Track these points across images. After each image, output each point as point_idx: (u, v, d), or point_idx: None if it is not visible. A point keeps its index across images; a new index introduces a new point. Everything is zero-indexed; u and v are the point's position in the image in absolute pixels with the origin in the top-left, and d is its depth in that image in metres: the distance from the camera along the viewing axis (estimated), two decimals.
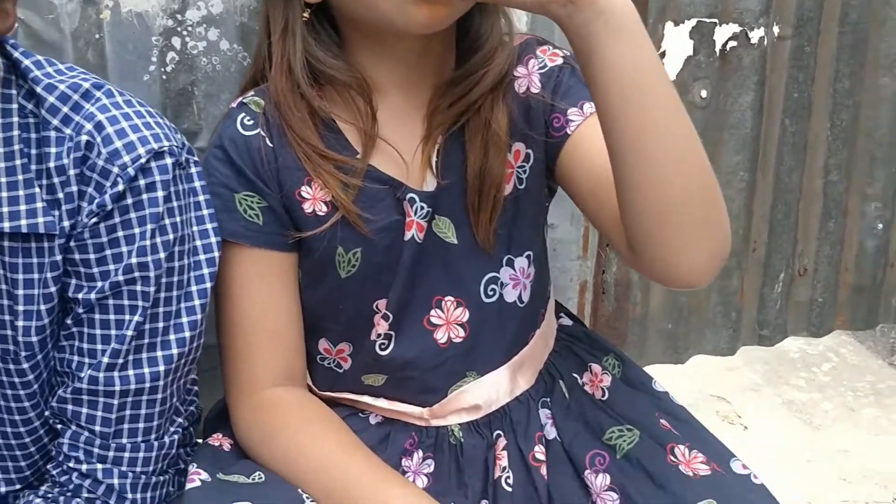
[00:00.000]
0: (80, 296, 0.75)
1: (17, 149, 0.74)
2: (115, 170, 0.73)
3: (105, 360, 0.75)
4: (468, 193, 0.83)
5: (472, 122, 0.83)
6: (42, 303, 0.76)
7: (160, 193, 0.74)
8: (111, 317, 0.75)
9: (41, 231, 0.73)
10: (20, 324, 0.75)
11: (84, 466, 0.77)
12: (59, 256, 0.75)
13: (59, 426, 0.78)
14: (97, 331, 0.75)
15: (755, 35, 1.37)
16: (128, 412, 0.77)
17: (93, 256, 0.74)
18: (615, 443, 0.86)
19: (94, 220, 0.73)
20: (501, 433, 0.87)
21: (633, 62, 0.67)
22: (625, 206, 0.72)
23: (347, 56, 0.83)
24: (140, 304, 0.75)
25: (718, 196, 0.72)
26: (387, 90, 0.83)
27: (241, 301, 0.82)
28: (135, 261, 0.74)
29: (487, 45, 0.83)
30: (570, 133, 0.83)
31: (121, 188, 0.73)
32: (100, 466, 0.77)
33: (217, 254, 0.80)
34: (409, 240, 0.82)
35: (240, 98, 0.86)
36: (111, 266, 0.74)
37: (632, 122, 0.68)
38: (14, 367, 0.77)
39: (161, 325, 0.76)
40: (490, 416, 0.88)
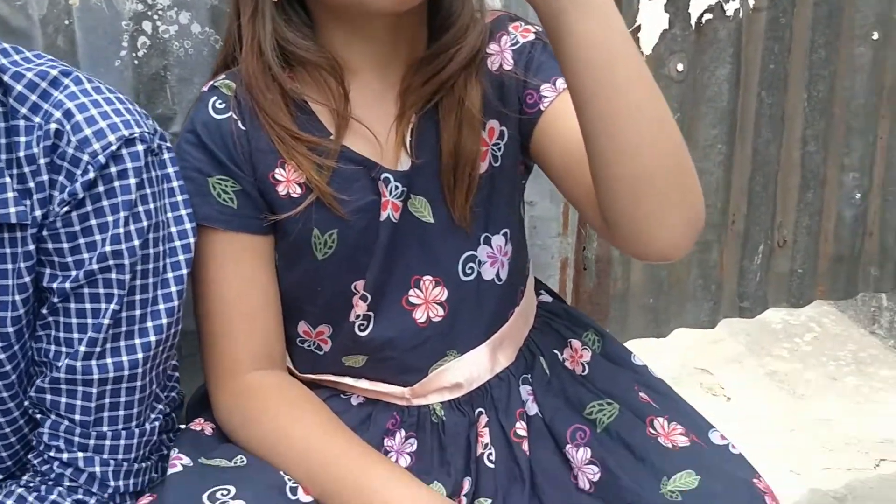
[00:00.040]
0: (55, 285, 0.74)
1: None
2: (86, 158, 0.72)
3: (82, 349, 0.74)
4: (443, 172, 0.83)
5: (446, 101, 0.82)
6: (17, 293, 0.75)
7: (132, 180, 0.74)
8: (87, 305, 0.75)
9: (13, 221, 0.73)
10: None
11: (65, 455, 0.77)
12: (32, 246, 0.74)
13: (39, 416, 0.78)
14: (73, 320, 0.75)
15: (730, 7, 1.37)
16: (107, 400, 0.77)
17: (66, 245, 0.74)
18: (595, 417, 0.87)
19: (66, 209, 0.73)
20: (483, 410, 0.88)
21: (603, 38, 0.67)
22: (598, 182, 0.72)
23: (318, 37, 0.82)
24: (115, 292, 0.74)
25: (691, 169, 0.72)
26: (359, 70, 0.82)
27: (218, 285, 0.82)
28: (108, 249, 0.73)
29: (459, 23, 0.82)
30: (544, 109, 0.83)
31: (92, 176, 0.72)
32: (81, 455, 0.77)
33: (192, 240, 0.79)
34: (385, 220, 0.82)
35: (211, 82, 0.85)
36: (85, 255, 0.74)
37: (603, 99, 0.68)
38: None
39: (138, 313, 0.76)
40: (471, 394, 0.88)
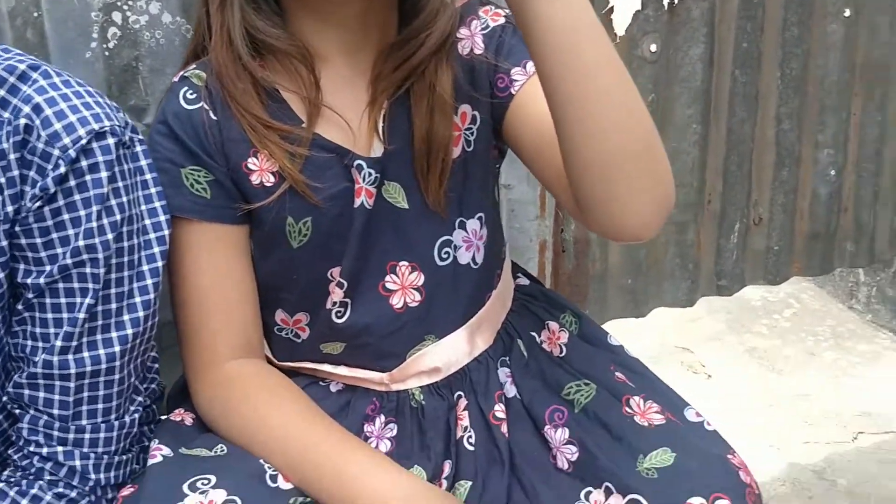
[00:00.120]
0: (30, 281, 0.74)
1: None
2: (56, 152, 0.72)
3: (58, 344, 0.74)
4: (416, 158, 0.83)
5: (417, 86, 0.82)
6: None
7: (104, 174, 0.74)
8: (62, 300, 0.75)
9: None
10: None
11: (44, 450, 0.77)
12: (5, 242, 0.74)
13: (18, 411, 0.78)
14: (49, 315, 0.75)
15: None
16: (85, 394, 0.77)
17: (39, 241, 0.74)
18: (573, 398, 0.88)
19: (39, 204, 0.73)
20: (462, 394, 0.88)
21: (570, 23, 0.67)
22: (569, 165, 0.72)
23: (288, 25, 0.82)
24: (90, 287, 0.74)
25: (661, 152, 0.73)
26: (330, 57, 0.82)
27: (194, 276, 0.82)
28: (82, 243, 0.73)
29: (429, 7, 0.83)
30: (515, 93, 0.83)
31: (63, 171, 0.72)
32: (60, 449, 0.77)
33: (167, 232, 0.79)
34: (359, 206, 0.82)
35: (181, 72, 0.85)
36: (59, 249, 0.74)
37: (571, 83, 0.68)
38: None
39: (114, 307, 0.76)
40: (450, 378, 0.89)
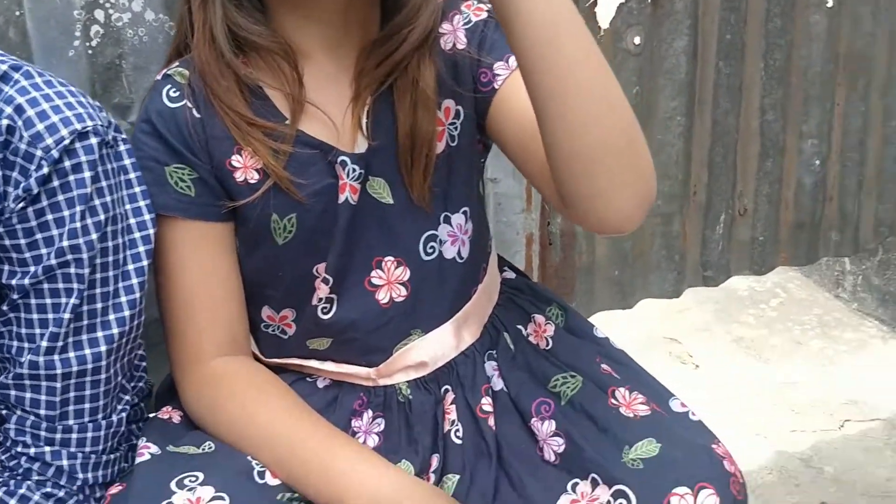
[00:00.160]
0: (14, 282, 0.74)
1: None
2: (39, 153, 0.72)
3: (44, 345, 0.74)
4: (400, 153, 0.83)
5: (400, 82, 0.83)
6: None
7: (87, 174, 0.74)
8: (47, 301, 0.75)
9: None
10: None
11: (32, 450, 0.77)
12: None
13: (5, 412, 0.78)
14: (34, 315, 0.75)
15: None
16: (72, 394, 0.77)
17: (23, 241, 0.74)
18: (559, 390, 0.88)
19: (22, 205, 0.73)
20: (449, 388, 0.89)
21: (550, 17, 0.68)
22: (552, 158, 0.73)
23: (271, 22, 0.82)
24: (75, 287, 0.74)
25: (643, 145, 0.73)
26: (312, 54, 0.83)
27: (180, 274, 0.82)
28: (66, 244, 0.73)
29: (411, 3, 0.83)
30: (498, 88, 0.84)
31: (46, 171, 0.72)
32: (48, 449, 0.77)
33: (152, 231, 0.79)
34: (344, 202, 0.82)
35: (164, 70, 0.85)
36: (43, 250, 0.74)
37: (552, 77, 0.69)
38: None
39: (99, 306, 0.76)
40: (437, 372, 0.89)
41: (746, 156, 1.53)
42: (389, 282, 0.86)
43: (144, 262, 0.79)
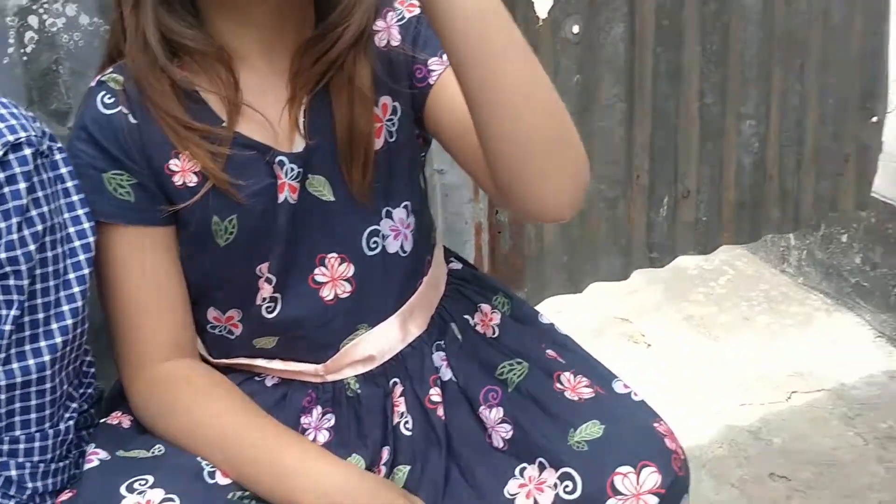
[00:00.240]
0: None
1: None
2: None
3: None
4: (339, 150, 0.84)
5: (336, 80, 0.83)
6: None
7: (22, 185, 0.73)
8: None
9: None
10: None
11: None
12: None
13: None
14: None
15: None
16: (17, 405, 0.76)
17: None
18: (506, 377, 0.90)
19: None
20: (397, 380, 0.90)
21: (477, 10, 0.69)
22: (485, 149, 0.74)
23: (204, 25, 0.82)
24: (15, 298, 0.74)
25: (573, 130, 0.75)
26: (248, 56, 0.83)
27: (122, 280, 0.82)
28: (3, 256, 0.73)
29: (345, 1, 0.83)
30: (433, 83, 0.85)
31: None
32: None
33: (92, 239, 0.79)
34: (283, 202, 0.83)
35: (98, 76, 0.84)
36: None
37: (480, 67, 0.70)
38: None
39: (41, 316, 0.76)
40: (385, 366, 0.90)
41: (687, 139, 1.56)
42: (333, 278, 0.87)
43: (85, 271, 0.78)
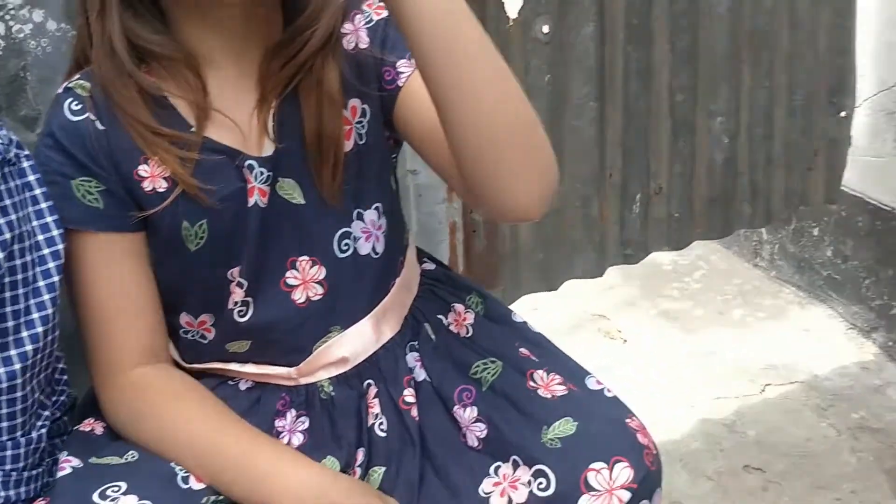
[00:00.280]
0: None
1: None
2: None
3: None
4: (308, 153, 0.84)
5: (305, 83, 0.83)
6: None
7: None
8: None
9: None
10: None
11: None
12: None
13: None
14: None
15: None
16: None
17: None
18: (480, 376, 0.91)
19: None
20: (371, 382, 0.90)
21: (440, 16, 0.70)
22: (454, 150, 0.75)
23: (172, 30, 0.82)
24: None
25: (541, 130, 0.76)
26: (216, 60, 0.83)
27: (93, 287, 0.82)
28: None
29: (312, 4, 0.83)
30: (402, 85, 0.85)
31: None
32: None
33: (61, 246, 0.79)
34: (253, 206, 0.83)
35: (65, 83, 0.84)
36: None
37: (447, 70, 0.71)
38: None
39: (11, 325, 0.75)
40: (358, 367, 0.91)
41: (659, 136, 1.58)
42: (305, 281, 0.87)
43: (55, 278, 0.78)
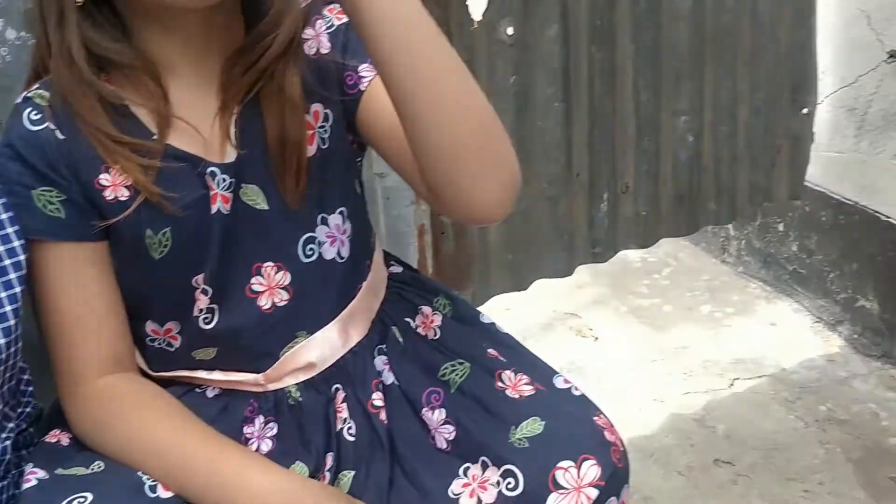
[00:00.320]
0: None
1: None
2: None
3: None
4: (271, 159, 0.84)
5: (266, 89, 0.83)
6: None
7: None
8: None
9: None
10: None
11: None
12: None
13: None
14: None
15: None
16: None
17: None
18: (448, 378, 0.91)
19: None
20: (339, 386, 0.90)
21: (399, 20, 0.70)
22: (416, 153, 0.75)
23: (131, 38, 0.81)
24: None
25: (502, 134, 0.77)
26: (176, 67, 0.82)
27: (57, 297, 0.81)
28: None
29: (273, 10, 0.83)
30: (364, 89, 0.86)
31: None
32: None
33: (22, 257, 0.78)
34: (216, 213, 0.83)
35: (24, 92, 0.83)
36: None
37: (406, 72, 0.71)
38: None
39: None
40: (326, 372, 0.91)
41: (624, 136, 1.59)
42: (270, 287, 0.87)
43: (17, 289, 0.77)
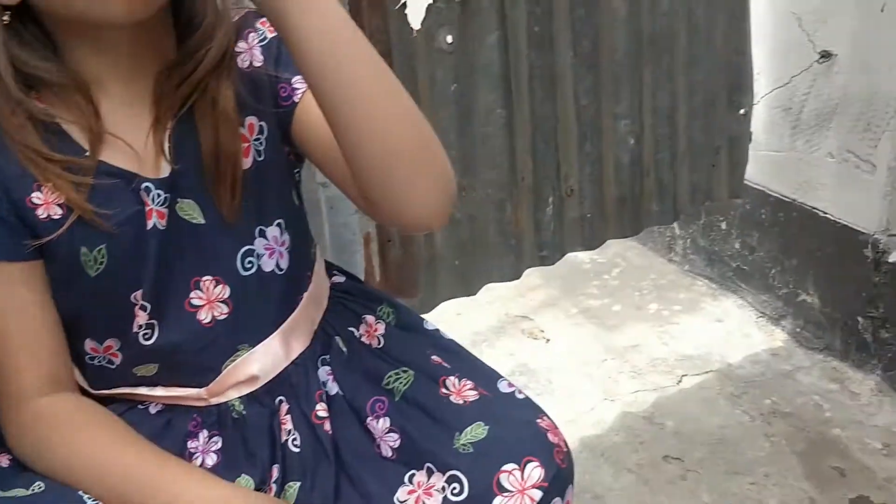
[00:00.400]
0: None
1: None
2: None
3: None
4: (206, 173, 0.84)
5: (200, 103, 0.83)
6: None
7: None
8: None
9: None
10: None
11: None
12: None
13: None
14: None
15: None
16: None
17: None
18: (392, 386, 0.92)
19: None
20: (283, 398, 0.90)
21: (326, 34, 0.71)
22: (349, 163, 0.76)
23: (61, 55, 0.80)
24: None
25: (436, 143, 0.77)
26: (108, 83, 0.82)
27: None
28: None
29: (205, 24, 0.83)
30: (297, 101, 0.86)
31: None
32: None
33: None
34: (152, 228, 0.82)
35: None
36: None
37: (335, 87, 0.72)
38: None
39: None
40: (269, 385, 0.91)
41: (567, 140, 1.61)
42: (210, 301, 0.87)
43: None
